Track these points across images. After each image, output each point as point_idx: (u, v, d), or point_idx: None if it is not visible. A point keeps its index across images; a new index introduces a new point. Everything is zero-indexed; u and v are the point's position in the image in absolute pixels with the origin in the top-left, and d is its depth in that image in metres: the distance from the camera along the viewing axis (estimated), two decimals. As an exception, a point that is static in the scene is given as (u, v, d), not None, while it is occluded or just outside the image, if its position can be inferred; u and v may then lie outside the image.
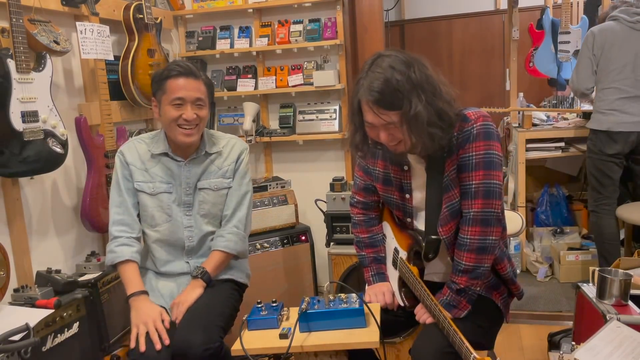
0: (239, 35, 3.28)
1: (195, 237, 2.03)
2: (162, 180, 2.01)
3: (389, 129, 1.53)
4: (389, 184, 1.75)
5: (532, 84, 4.99)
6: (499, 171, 1.58)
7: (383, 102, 1.48)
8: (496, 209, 1.58)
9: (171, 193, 2.01)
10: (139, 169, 2.00)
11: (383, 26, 3.27)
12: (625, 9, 2.99)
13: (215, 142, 2.08)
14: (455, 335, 1.46)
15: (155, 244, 2.03)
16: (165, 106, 1.92)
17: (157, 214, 2.00)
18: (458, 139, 1.56)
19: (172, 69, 1.92)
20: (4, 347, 1.56)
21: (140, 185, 2.00)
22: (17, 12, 1.94)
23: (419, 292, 1.65)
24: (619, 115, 2.93)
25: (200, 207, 2.03)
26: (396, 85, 1.46)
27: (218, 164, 2.06)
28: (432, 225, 1.66)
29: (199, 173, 2.03)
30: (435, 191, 1.63)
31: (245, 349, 1.59)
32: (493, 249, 1.61)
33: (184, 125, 1.92)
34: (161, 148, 2.01)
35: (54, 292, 2.04)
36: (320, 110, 3.22)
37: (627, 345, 1.53)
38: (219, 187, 2.05)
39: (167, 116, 1.91)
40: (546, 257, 3.69)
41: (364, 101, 1.52)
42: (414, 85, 1.47)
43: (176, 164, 2.01)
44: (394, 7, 6.00)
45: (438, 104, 1.50)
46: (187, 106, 1.91)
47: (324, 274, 3.07)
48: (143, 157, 2.02)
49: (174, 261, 2.03)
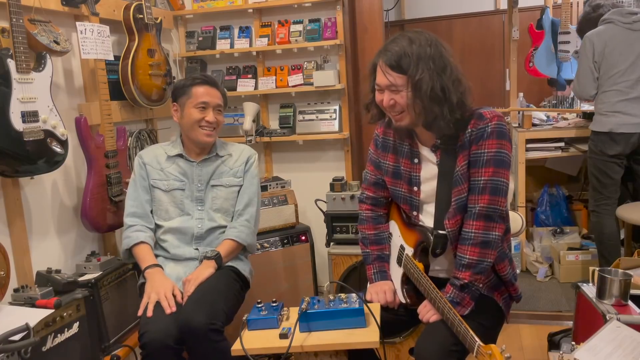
0: (239, 35, 3.28)
1: (204, 227, 2.21)
2: (176, 178, 2.23)
3: (392, 92, 1.62)
4: (398, 177, 1.80)
5: (532, 84, 4.99)
6: (507, 170, 1.63)
7: (392, 63, 1.59)
8: (501, 206, 1.63)
9: (184, 190, 2.23)
10: (155, 169, 2.25)
11: (383, 26, 3.27)
12: (617, 10, 2.98)
13: (225, 147, 2.34)
14: (460, 325, 1.48)
15: (167, 233, 2.21)
16: (190, 109, 2.18)
17: (170, 208, 2.22)
18: (472, 135, 1.62)
19: (197, 78, 2.23)
20: (4, 347, 1.56)
21: (156, 182, 2.23)
22: (17, 12, 1.94)
23: (423, 286, 1.66)
24: (620, 117, 2.93)
25: (213, 202, 2.24)
26: (409, 51, 1.57)
27: (229, 165, 2.29)
28: (441, 218, 1.69)
29: (210, 172, 2.26)
30: (446, 185, 1.67)
31: (245, 349, 1.60)
32: (496, 244, 1.63)
33: (206, 126, 2.19)
34: (176, 150, 2.27)
35: (54, 292, 2.03)
36: (320, 110, 3.22)
37: (627, 345, 1.53)
38: (230, 185, 2.27)
39: (191, 118, 2.18)
40: (546, 257, 3.69)
41: (378, 63, 1.64)
42: (426, 56, 1.57)
43: (189, 164, 2.25)
44: (394, 7, 6.00)
45: (444, 80, 1.57)
46: (209, 110, 2.20)
47: (324, 274, 3.07)
48: (159, 159, 2.27)
49: (183, 246, 2.20)
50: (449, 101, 1.57)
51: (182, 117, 2.22)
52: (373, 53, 1.66)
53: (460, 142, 1.64)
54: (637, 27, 2.90)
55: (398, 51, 1.58)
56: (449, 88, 1.57)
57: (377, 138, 1.88)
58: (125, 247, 2.16)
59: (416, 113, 1.60)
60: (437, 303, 1.60)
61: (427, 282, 1.64)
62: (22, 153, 1.98)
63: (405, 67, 1.57)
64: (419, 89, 1.56)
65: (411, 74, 1.56)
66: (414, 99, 1.58)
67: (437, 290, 1.60)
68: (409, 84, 1.57)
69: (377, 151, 1.89)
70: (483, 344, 1.37)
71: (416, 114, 1.60)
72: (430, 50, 1.58)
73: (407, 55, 1.57)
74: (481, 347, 1.37)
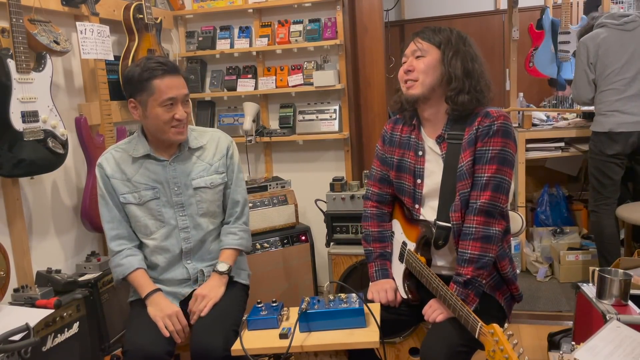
0: (239, 35, 3.28)
1: (192, 239, 1.99)
2: (147, 187, 1.94)
3: (415, 58, 1.72)
4: (403, 170, 1.83)
5: (532, 84, 4.99)
6: (510, 169, 1.66)
7: (424, 36, 1.73)
8: (502, 203, 1.65)
9: (159, 198, 1.94)
10: (121, 180, 1.94)
11: (383, 26, 3.27)
12: (609, 14, 3.04)
13: (197, 137, 2.02)
14: (462, 309, 1.50)
15: (153, 252, 1.98)
16: (155, 108, 1.83)
17: (149, 222, 1.95)
18: (478, 132, 1.66)
19: (155, 68, 1.82)
20: (4, 347, 1.56)
21: (126, 197, 1.94)
22: (17, 12, 1.94)
23: (425, 277, 1.67)
24: (619, 116, 2.94)
25: (199, 207, 1.99)
26: (445, 32, 1.72)
27: (207, 159, 2.01)
28: (444, 210, 1.71)
29: (187, 172, 1.97)
30: (451, 178, 1.70)
31: (245, 349, 1.60)
32: (497, 239, 1.65)
33: (177, 124, 1.87)
34: (142, 150, 1.94)
35: (54, 292, 2.04)
36: (320, 110, 3.22)
37: (627, 345, 1.53)
38: (215, 184, 2.01)
39: (159, 118, 1.84)
40: (546, 257, 3.69)
41: (414, 39, 1.75)
42: (460, 41, 1.71)
43: (160, 165, 1.95)
44: (394, 7, 5.99)
45: (475, 65, 1.70)
46: (178, 105, 1.86)
47: (324, 274, 3.07)
48: (123, 166, 1.94)
49: (173, 267, 1.98)
50: (475, 80, 1.69)
51: (146, 116, 1.87)
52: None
53: (467, 138, 1.67)
54: (629, 28, 2.96)
55: (434, 30, 1.73)
56: (473, 73, 1.69)
57: (385, 134, 1.92)
58: (119, 276, 1.93)
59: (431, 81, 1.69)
60: (439, 291, 1.61)
61: (429, 273, 1.65)
62: (22, 153, 1.99)
63: (437, 40, 1.70)
64: (453, 62, 1.68)
65: (445, 49, 1.69)
66: (447, 67, 1.68)
67: (439, 280, 1.62)
68: (443, 56, 1.69)
69: (384, 147, 1.92)
70: (485, 325, 1.40)
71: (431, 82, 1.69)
72: (464, 38, 1.73)
73: (443, 33, 1.72)
74: (483, 328, 1.41)
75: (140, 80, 1.82)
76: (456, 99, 1.67)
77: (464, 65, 1.68)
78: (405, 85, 1.74)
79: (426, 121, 1.79)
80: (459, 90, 1.67)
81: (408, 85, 1.73)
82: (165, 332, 1.80)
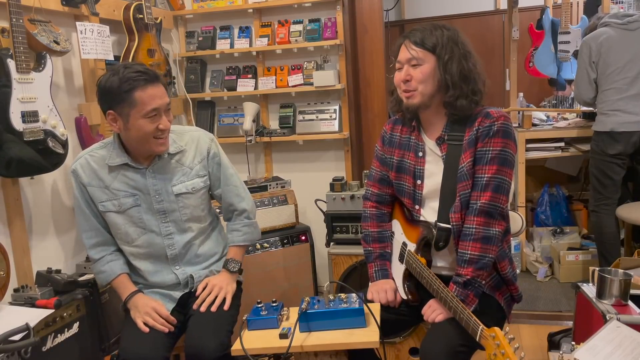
0: (239, 35, 3.28)
1: (177, 245, 1.94)
2: (127, 194, 1.88)
3: (412, 67, 1.68)
4: (403, 171, 1.82)
5: (532, 84, 4.99)
6: (510, 170, 1.66)
7: (417, 40, 1.67)
8: (502, 204, 1.65)
9: (140, 205, 1.89)
10: (98, 188, 1.87)
11: (383, 26, 3.27)
12: (613, 14, 3.04)
13: (175, 140, 1.94)
14: (463, 312, 1.50)
15: (138, 259, 1.95)
16: (138, 120, 1.75)
17: (130, 229, 1.90)
18: (478, 132, 1.65)
19: (136, 78, 1.72)
20: (4, 347, 1.56)
21: (105, 205, 1.88)
22: (17, 12, 1.94)
23: (426, 279, 1.67)
24: (621, 116, 2.94)
25: (182, 214, 1.93)
26: (436, 34, 1.67)
27: (186, 163, 1.95)
28: (445, 212, 1.70)
29: (167, 178, 1.91)
30: (451, 180, 1.69)
31: (245, 349, 1.60)
32: (497, 240, 1.65)
33: (160, 135, 1.80)
34: (119, 159, 1.86)
35: (54, 292, 2.04)
36: (320, 110, 3.22)
37: (627, 345, 1.53)
38: (197, 189, 1.95)
39: (143, 130, 1.76)
40: (546, 257, 3.69)
41: (404, 43, 1.70)
42: (452, 40, 1.67)
43: (139, 173, 1.88)
44: (394, 7, 6.00)
45: (469, 64, 1.67)
46: (162, 115, 1.79)
47: (324, 274, 3.07)
48: (100, 173, 1.87)
49: (161, 271, 1.96)
50: (472, 82, 1.67)
51: (127, 128, 1.77)
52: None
53: (467, 138, 1.67)
54: (632, 27, 2.95)
55: (423, 32, 1.68)
56: (473, 71, 1.67)
57: (385, 134, 1.91)
58: (102, 283, 1.97)
59: (430, 90, 1.67)
60: (439, 294, 1.61)
61: (429, 274, 1.65)
62: (22, 153, 1.98)
63: (431, 45, 1.65)
64: (449, 67, 1.64)
65: (440, 54, 1.65)
66: (444, 75, 1.65)
67: (439, 281, 1.61)
68: (439, 62, 1.65)
69: (383, 147, 1.91)
70: (486, 327, 1.40)
71: (430, 91, 1.67)
72: (455, 36, 1.69)
73: (434, 35, 1.66)
74: (485, 331, 1.41)
75: (120, 92, 1.72)
76: (455, 104, 1.67)
77: (460, 68, 1.65)
78: (405, 95, 1.72)
79: (426, 123, 1.79)
80: (457, 96, 1.66)
81: (407, 95, 1.71)
82: (145, 329, 1.80)
